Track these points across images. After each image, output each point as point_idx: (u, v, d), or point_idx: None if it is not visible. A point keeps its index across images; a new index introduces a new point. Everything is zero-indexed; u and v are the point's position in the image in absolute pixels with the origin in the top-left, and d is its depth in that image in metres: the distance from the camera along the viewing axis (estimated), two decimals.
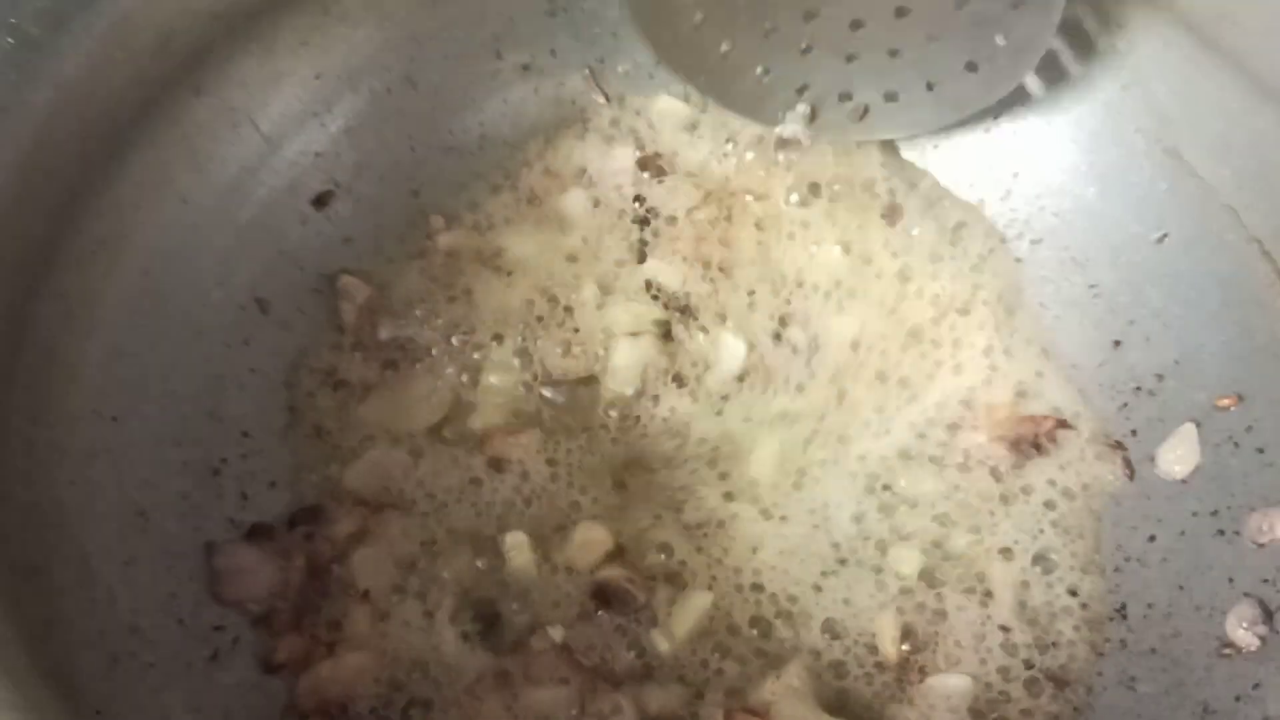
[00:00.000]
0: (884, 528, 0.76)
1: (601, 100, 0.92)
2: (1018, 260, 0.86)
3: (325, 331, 0.83)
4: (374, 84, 0.86)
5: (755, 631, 0.73)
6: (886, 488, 0.78)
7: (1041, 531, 0.76)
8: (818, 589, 0.74)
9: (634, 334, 0.81)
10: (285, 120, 0.83)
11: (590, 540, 0.76)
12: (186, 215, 0.78)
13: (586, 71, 0.91)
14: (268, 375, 0.81)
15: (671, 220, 0.87)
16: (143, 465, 0.73)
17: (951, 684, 0.71)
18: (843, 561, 0.75)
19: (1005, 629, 0.73)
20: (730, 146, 0.88)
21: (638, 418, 0.80)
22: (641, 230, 0.87)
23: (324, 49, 0.83)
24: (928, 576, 0.75)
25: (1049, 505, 0.77)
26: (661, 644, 0.73)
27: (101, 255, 0.73)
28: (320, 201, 0.85)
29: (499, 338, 0.82)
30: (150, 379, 0.75)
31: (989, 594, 0.74)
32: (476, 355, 0.82)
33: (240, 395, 0.79)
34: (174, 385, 0.77)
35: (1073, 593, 0.75)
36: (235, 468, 0.77)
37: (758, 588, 0.74)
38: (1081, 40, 0.81)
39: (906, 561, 0.75)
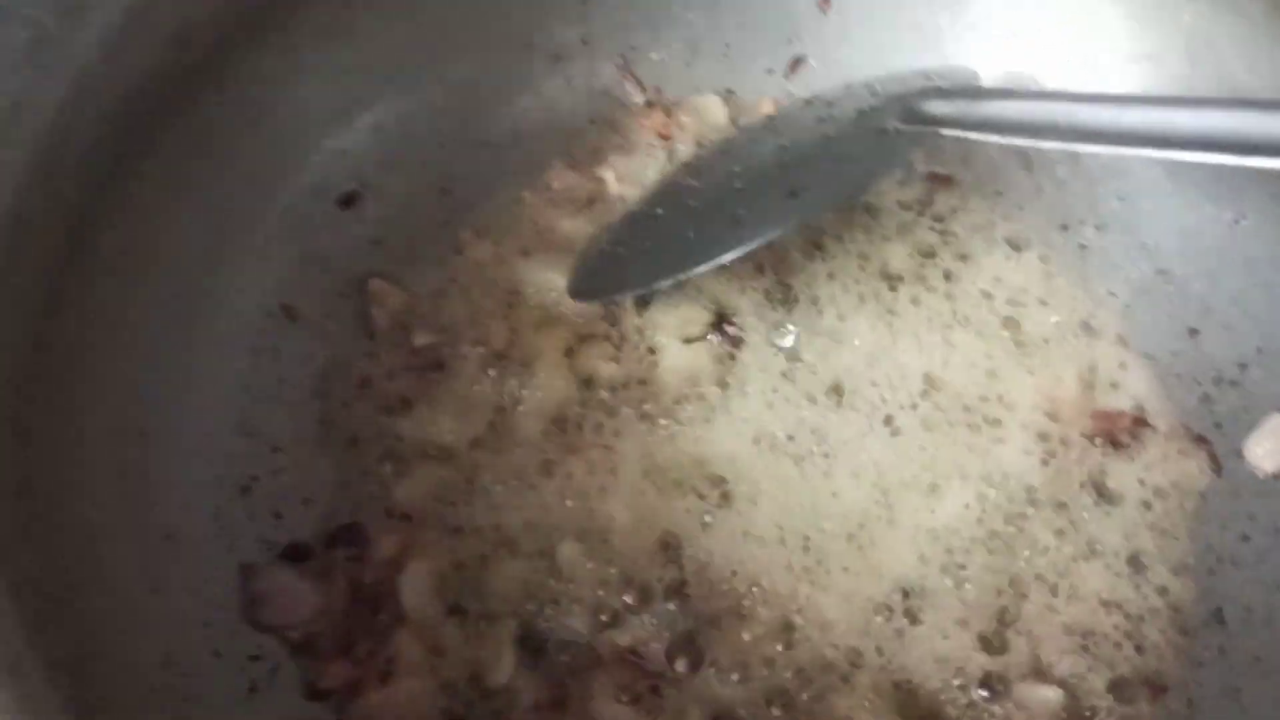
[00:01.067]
0: (965, 533, 0.72)
1: (636, 91, 0.88)
2: (1082, 247, 0.82)
3: (356, 339, 0.79)
4: (401, 78, 0.82)
5: (824, 641, 0.69)
6: (975, 489, 0.73)
7: (1135, 533, 0.72)
8: (895, 596, 0.70)
9: (685, 340, 0.77)
10: (309, 117, 0.79)
11: (648, 545, 0.72)
12: (208, 218, 0.74)
13: (620, 60, 0.87)
14: (298, 386, 0.76)
15: None
16: (171, 484, 0.69)
17: (1039, 694, 0.67)
18: (923, 571, 0.71)
19: (1092, 633, 0.69)
20: None
21: (694, 421, 0.75)
22: None
23: (348, 42, 0.79)
24: (1012, 582, 0.70)
25: (1146, 505, 0.72)
26: (725, 652, 0.69)
27: (122, 262, 0.68)
28: (347, 202, 0.81)
29: (540, 344, 0.78)
30: (176, 392, 0.71)
31: (1076, 598, 0.70)
32: (518, 362, 0.77)
33: (270, 408, 0.75)
34: (201, 398, 0.73)
35: (1162, 593, 0.70)
36: (267, 485, 0.73)
37: (831, 597, 0.70)
38: None
39: (988, 567, 0.71)
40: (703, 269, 0.70)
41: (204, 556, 0.68)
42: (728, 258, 0.69)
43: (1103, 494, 0.73)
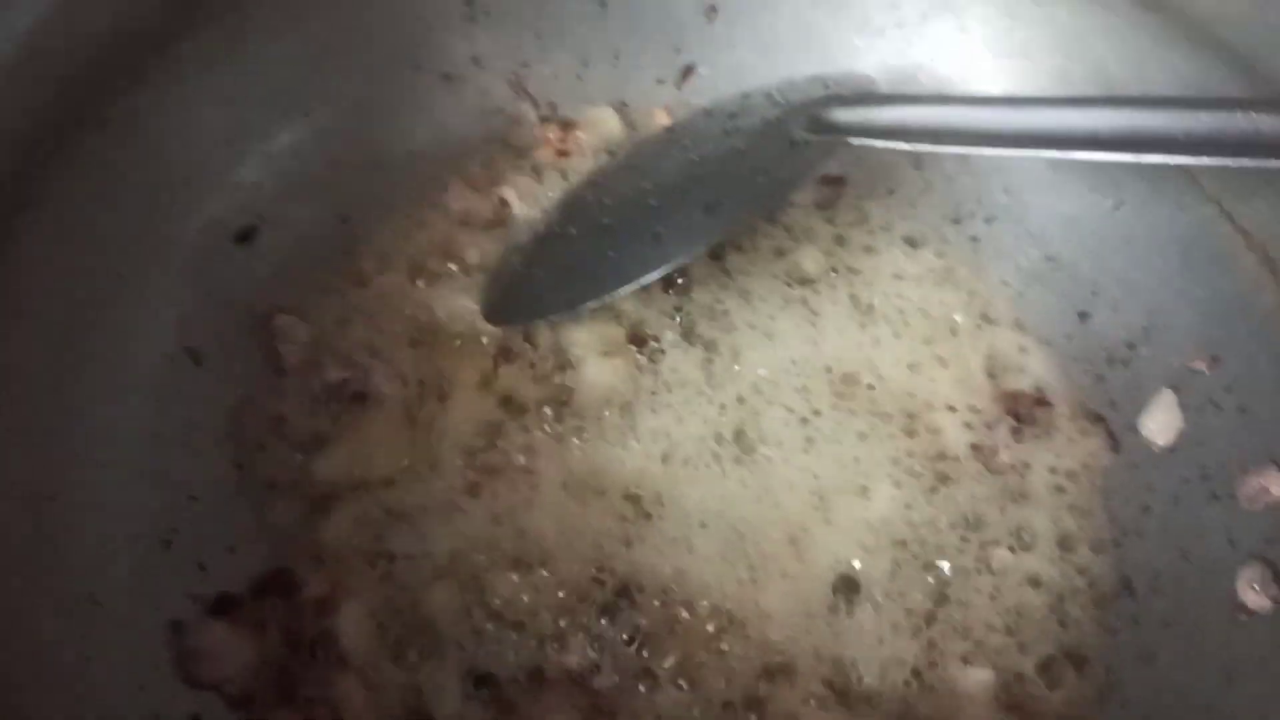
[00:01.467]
0: (897, 525, 0.74)
1: (530, 107, 0.87)
2: (974, 239, 0.85)
3: (265, 377, 0.77)
4: (289, 104, 0.80)
5: (767, 642, 0.70)
6: (904, 483, 0.75)
7: (1059, 516, 0.75)
8: (833, 592, 0.72)
9: (603, 355, 0.77)
10: (199, 150, 0.77)
11: (582, 560, 0.72)
12: (101, 264, 0.71)
13: (512, 76, 0.87)
14: (209, 431, 0.74)
15: None
16: (87, 545, 0.66)
17: (973, 676, 0.69)
18: (859, 565, 0.72)
19: (1021, 613, 0.72)
20: None
21: (615, 436, 0.76)
22: None
23: (234, 71, 0.76)
24: (944, 571, 0.73)
25: (1059, 489, 0.76)
26: (672, 663, 0.69)
27: (14, 317, 0.65)
28: (244, 236, 0.79)
29: (456, 368, 0.77)
30: (81, 448, 0.68)
31: (1004, 580, 0.73)
32: (435, 388, 0.77)
33: (181, 456, 0.73)
34: (108, 453, 0.70)
35: (1083, 571, 0.73)
36: (187, 536, 0.70)
37: (771, 599, 0.71)
38: None
39: (921, 558, 0.73)
40: (627, 289, 0.70)
41: (130, 617, 0.66)
42: (651, 277, 0.69)
43: (1024, 480, 0.76)
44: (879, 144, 0.69)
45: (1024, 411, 0.78)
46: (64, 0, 0.63)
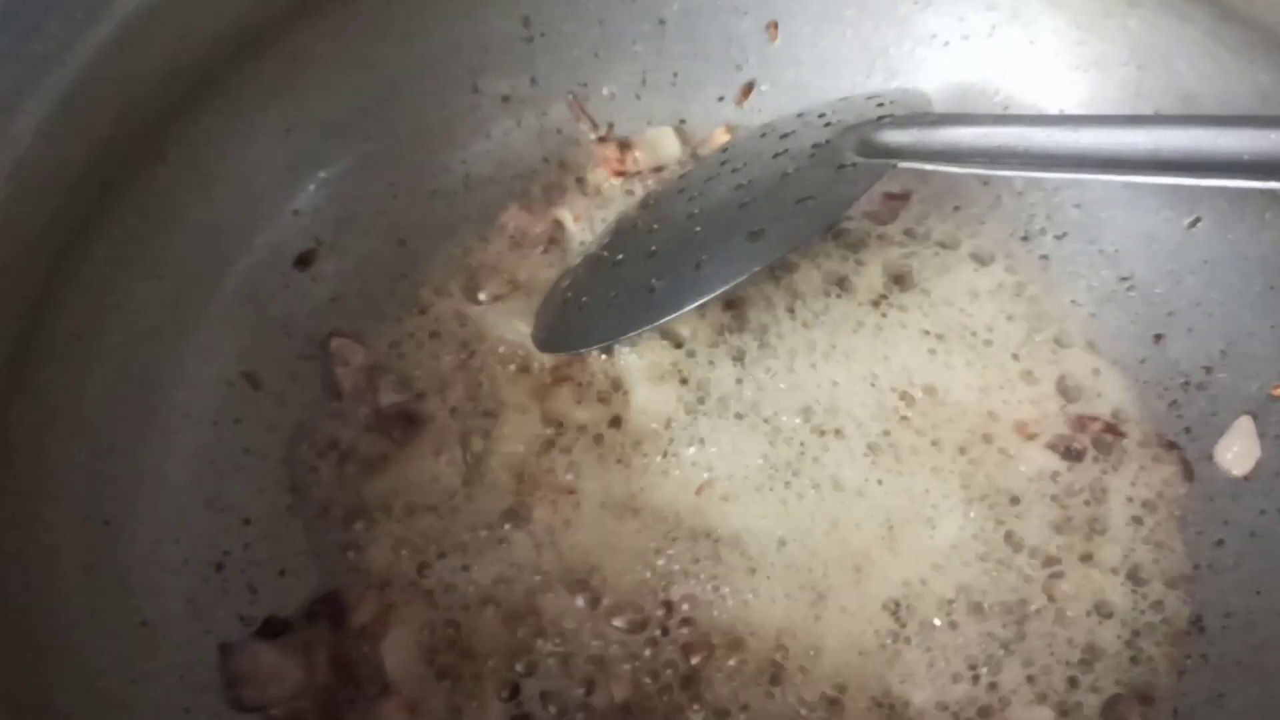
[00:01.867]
0: (964, 554, 0.72)
1: (589, 128, 0.87)
2: (1044, 258, 0.82)
3: (322, 401, 0.78)
4: (349, 131, 0.81)
5: (820, 672, 0.69)
6: (973, 510, 0.73)
7: (1133, 548, 0.72)
8: (892, 620, 0.70)
9: (656, 380, 0.76)
10: (259, 178, 0.78)
11: (635, 590, 0.71)
12: (161, 291, 0.73)
13: (570, 97, 0.86)
14: (265, 455, 0.75)
15: None
16: (142, 569, 0.68)
17: (1032, 714, 0.67)
18: (920, 595, 0.71)
19: (1089, 650, 0.69)
20: None
21: (666, 460, 0.75)
22: None
23: (293, 99, 0.77)
24: (1011, 601, 0.70)
25: (1138, 520, 0.73)
26: (722, 691, 0.68)
27: (76, 346, 0.67)
28: (303, 261, 0.80)
29: (508, 392, 0.77)
30: (140, 474, 0.70)
31: (1074, 615, 0.70)
32: (487, 412, 0.77)
33: (237, 479, 0.74)
34: (165, 477, 0.71)
35: (1158, 607, 0.70)
36: (240, 559, 0.72)
37: (827, 629, 0.70)
38: None
39: (987, 589, 0.71)
40: (668, 319, 0.70)
41: (181, 640, 0.67)
42: (692, 306, 0.69)
43: (1096, 509, 0.73)
44: (929, 167, 0.67)
45: (1097, 437, 0.75)
46: (123, 32, 0.64)
